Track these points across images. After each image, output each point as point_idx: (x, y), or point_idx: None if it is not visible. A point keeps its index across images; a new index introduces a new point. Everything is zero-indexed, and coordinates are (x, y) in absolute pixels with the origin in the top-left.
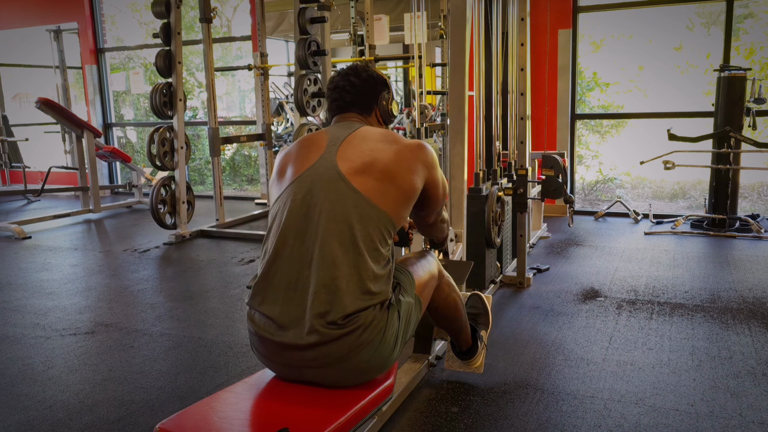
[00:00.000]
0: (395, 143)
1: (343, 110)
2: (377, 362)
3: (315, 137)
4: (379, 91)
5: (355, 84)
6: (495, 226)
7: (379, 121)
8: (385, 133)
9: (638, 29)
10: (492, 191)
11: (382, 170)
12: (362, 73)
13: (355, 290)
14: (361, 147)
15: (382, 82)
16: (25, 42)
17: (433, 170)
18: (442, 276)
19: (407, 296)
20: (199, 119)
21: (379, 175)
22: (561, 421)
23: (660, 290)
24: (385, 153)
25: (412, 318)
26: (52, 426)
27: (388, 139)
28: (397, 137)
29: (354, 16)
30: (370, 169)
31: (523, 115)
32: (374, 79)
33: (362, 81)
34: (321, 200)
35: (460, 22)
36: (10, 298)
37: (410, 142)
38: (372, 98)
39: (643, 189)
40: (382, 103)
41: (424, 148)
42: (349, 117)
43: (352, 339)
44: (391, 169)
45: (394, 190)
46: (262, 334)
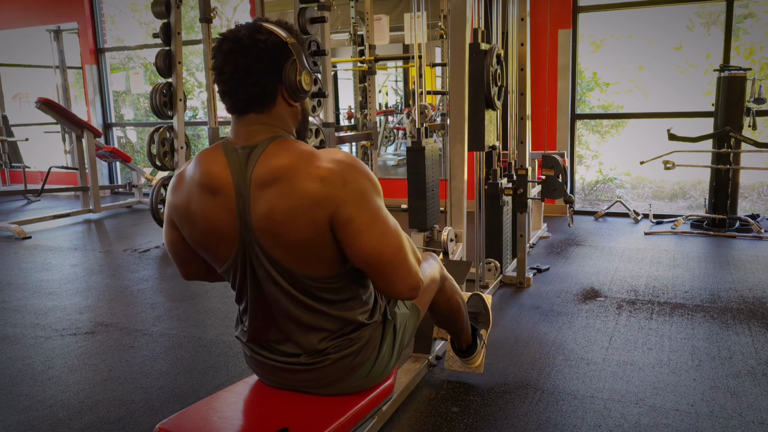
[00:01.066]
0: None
1: (240, 110)
2: (376, 374)
3: (214, 178)
4: (280, 63)
5: (246, 66)
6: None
7: (288, 102)
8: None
9: (638, 29)
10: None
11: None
12: (252, 47)
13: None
14: (265, 198)
15: (281, 46)
16: (25, 42)
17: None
18: (445, 278)
19: (402, 308)
20: (199, 119)
21: (282, 242)
22: (561, 421)
23: (660, 290)
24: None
25: (409, 327)
26: (52, 426)
27: (286, 177)
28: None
29: (354, 16)
30: (275, 234)
31: (523, 115)
32: (269, 50)
33: (254, 59)
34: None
35: (460, 22)
36: (10, 298)
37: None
38: (273, 78)
39: (643, 189)
40: (287, 80)
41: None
42: (249, 123)
43: (347, 362)
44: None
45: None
46: (256, 357)
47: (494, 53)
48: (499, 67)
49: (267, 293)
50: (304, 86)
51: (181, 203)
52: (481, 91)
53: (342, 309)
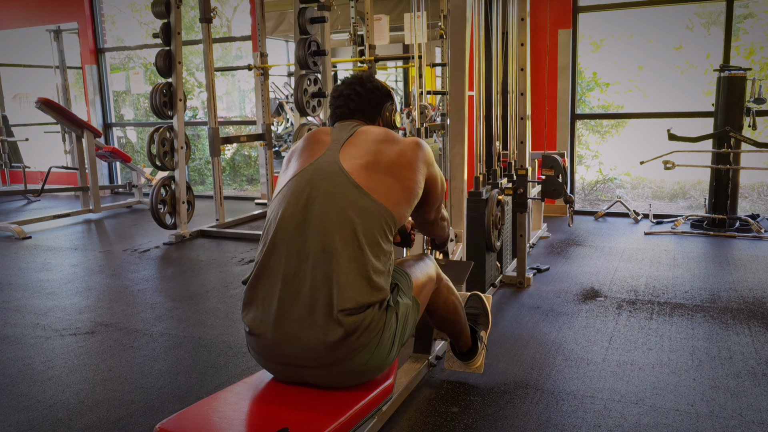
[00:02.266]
0: (395, 142)
1: (347, 117)
2: (374, 364)
3: (319, 135)
4: (383, 102)
5: (360, 94)
6: (495, 230)
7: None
8: (384, 133)
9: (638, 29)
10: (492, 195)
11: (385, 168)
12: (367, 83)
13: (354, 284)
14: (363, 145)
15: (387, 93)
16: (25, 42)
17: (432, 168)
18: (441, 279)
19: (405, 298)
20: (199, 119)
21: (382, 173)
22: (561, 421)
23: (660, 290)
24: (386, 151)
25: (410, 320)
26: (52, 426)
27: (388, 138)
28: (396, 136)
29: (354, 16)
30: (373, 166)
31: (523, 115)
32: (378, 89)
33: (367, 91)
34: (322, 194)
35: (460, 22)
36: (10, 298)
37: (409, 140)
38: (376, 109)
39: (643, 189)
40: (385, 114)
41: (423, 146)
42: (351, 122)
43: (351, 341)
44: (394, 168)
45: (396, 187)
46: (257, 331)
47: (495, 200)
48: (500, 212)
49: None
50: (396, 123)
51: (290, 151)
52: (481, 235)
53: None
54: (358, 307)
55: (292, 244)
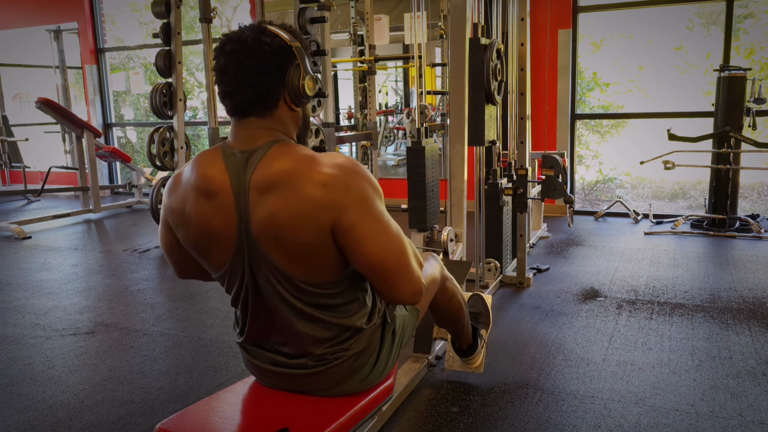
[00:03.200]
0: (294, 192)
1: (241, 113)
2: (375, 375)
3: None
4: (285, 67)
5: (249, 67)
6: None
7: (290, 107)
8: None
9: (638, 29)
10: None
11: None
12: (256, 48)
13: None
14: (266, 203)
15: (285, 49)
16: (25, 42)
17: (349, 210)
18: (446, 278)
19: (401, 310)
20: (199, 119)
21: (283, 248)
22: (561, 421)
23: (660, 290)
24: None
25: (408, 327)
26: (52, 426)
27: (288, 182)
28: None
29: (354, 16)
30: (276, 239)
31: (523, 115)
32: (274, 52)
33: (258, 60)
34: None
35: (460, 22)
36: (10, 298)
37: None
38: (276, 81)
39: (643, 189)
40: (291, 84)
41: (331, 183)
42: (249, 127)
43: (346, 367)
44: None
45: (309, 261)
46: (254, 361)
47: (494, 48)
48: (499, 62)
49: (266, 300)
50: (307, 91)
51: (177, 206)
52: (481, 86)
53: (342, 314)
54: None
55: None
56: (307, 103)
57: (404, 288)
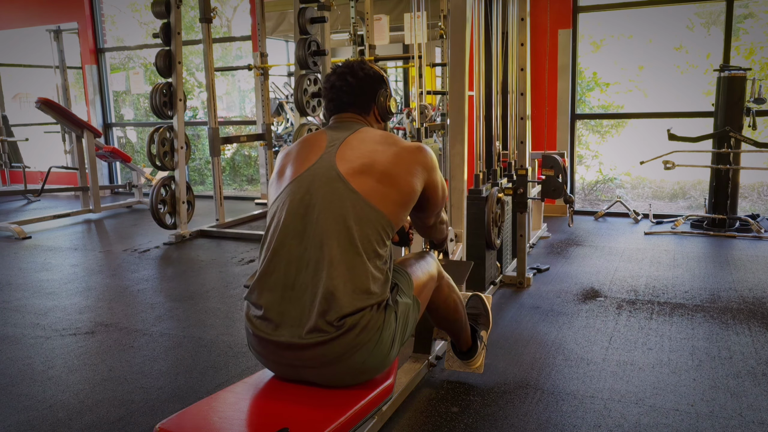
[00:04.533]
0: (394, 145)
1: (341, 110)
2: (374, 363)
3: (315, 138)
4: (377, 89)
5: (352, 84)
6: (495, 228)
7: (378, 119)
8: (384, 135)
9: (638, 29)
10: (492, 192)
11: (382, 172)
12: (359, 71)
13: (352, 291)
14: (361, 148)
15: (380, 79)
16: (25, 42)
17: (433, 173)
18: (442, 277)
19: (405, 297)
20: (199, 119)
21: (379, 177)
22: (561, 421)
23: (660, 290)
24: (384, 155)
25: (410, 319)
26: (52, 426)
27: (387, 141)
28: (396, 139)
29: (354, 16)
30: (369, 170)
31: (523, 115)
32: (371, 77)
33: (359, 80)
34: (319, 200)
35: (460, 22)
36: (10, 298)
37: (409, 144)
38: (370, 97)
39: (643, 189)
40: (380, 101)
41: (424, 151)
42: (347, 117)
43: (348, 339)
44: (391, 171)
45: (393, 192)
46: (259, 333)
47: (495, 198)
48: (500, 209)
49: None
50: (392, 109)
51: (282, 155)
52: (482, 233)
53: (377, 269)
54: (354, 311)
55: (292, 252)
56: (389, 120)
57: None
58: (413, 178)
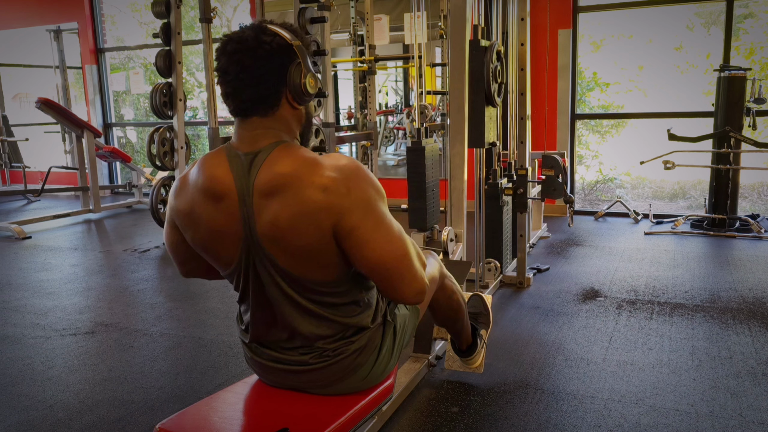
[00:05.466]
0: (295, 193)
1: (244, 113)
2: (376, 374)
3: (218, 184)
4: (286, 65)
5: (250, 67)
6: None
7: (292, 105)
8: (290, 173)
9: (638, 29)
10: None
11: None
12: (257, 48)
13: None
14: (270, 207)
15: (287, 50)
16: (25, 42)
17: (351, 213)
18: (445, 277)
19: (402, 309)
20: (199, 119)
21: (287, 249)
22: (561, 421)
23: (660, 290)
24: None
25: (409, 327)
26: (52, 426)
27: (291, 184)
28: (301, 177)
29: (354, 16)
30: (279, 241)
31: (523, 115)
32: (275, 51)
33: (258, 60)
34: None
35: (460, 22)
36: (10, 298)
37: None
38: (277, 80)
39: (643, 189)
40: (292, 81)
41: (333, 188)
42: (252, 127)
43: (347, 363)
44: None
45: (312, 262)
46: (256, 359)
47: (494, 50)
48: (499, 63)
49: (270, 297)
50: (309, 89)
51: (184, 208)
52: (481, 88)
53: (344, 313)
54: (347, 336)
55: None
56: (309, 101)
57: (407, 288)
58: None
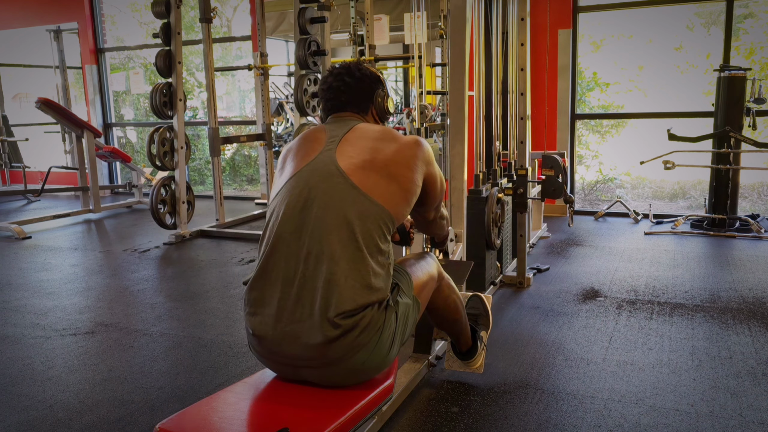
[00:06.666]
0: (393, 140)
1: (339, 109)
2: (373, 363)
3: (314, 134)
4: (374, 89)
5: (350, 84)
6: (495, 228)
7: (376, 120)
8: (382, 130)
9: (638, 29)
10: (492, 192)
11: (382, 167)
12: (356, 72)
13: (353, 286)
14: (360, 144)
15: (376, 79)
16: (25, 42)
17: (431, 166)
18: (442, 278)
19: (405, 297)
20: (199, 119)
21: (379, 172)
22: (561, 421)
23: (660, 290)
24: (384, 150)
25: (410, 319)
26: (52, 426)
27: (386, 137)
28: (395, 134)
29: (354, 16)
30: (370, 165)
31: (523, 115)
32: (368, 77)
33: (356, 80)
34: (320, 195)
35: (460, 22)
36: (10, 298)
37: (408, 139)
38: (367, 97)
39: (643, 189)
40: (377, 101)
41: (422, 145)
42: (345, 115)
43: (349, 340)
44: (391, 167)
45: (394, 187)
46: (259, 332)
47: (494, 198)
48: (500, 209)
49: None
50: (390, 109)
51: (284, 154)
52: (481, 234)
53: (379, 266)
54: (356, 308)
55: (291, 247)
56: (387, 120)
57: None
58: (413, 173)
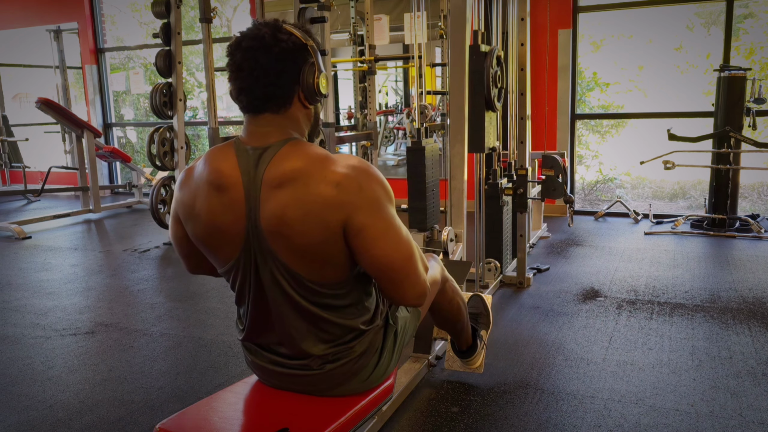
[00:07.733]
0: (305, 187)
1: (255, 110)
2: (376, 376)
3: (223, 176)
4: (300, 64)
5: (265, 66)
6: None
7: (303, 104)
8: (302, 167)
9: (638, 29)
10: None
11: (293, 238)
12: (273, 46)
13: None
14: (276, 198)
15: (302, 49)
16: (25, 42)
17: (361, 211)
18: (446, 280)
19: (403, 311)
20: (199, 119)
21: (292, 245)
22: (561, 421)
23: (660, 290)
24: (294, 210)
25: (409, 329)
26: (52, 426)
27: (301, 179)
28: (312, 173)
29: (354, 16)
30: (285, 236)
31: (523, 115)
32: (291, 50)
33: (275, 58)
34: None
35: (460, 22)
36: (10, 298)
37: (331, 175)
38: (291, 79)
39: (643, 189)
40: (305, 81)
41: (345, 185)
42: (263, 123)
43: (347, 368)
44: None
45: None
46: (256, 361)
47: (494, 55)
48: (499, 68)
49: (269, 298)
50: (321, 89)
51: (188, 200)
52: (481, 93)
53: (344, 316)
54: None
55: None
56: (320, 101)
57: (410, 290)
58: (328, 235)
